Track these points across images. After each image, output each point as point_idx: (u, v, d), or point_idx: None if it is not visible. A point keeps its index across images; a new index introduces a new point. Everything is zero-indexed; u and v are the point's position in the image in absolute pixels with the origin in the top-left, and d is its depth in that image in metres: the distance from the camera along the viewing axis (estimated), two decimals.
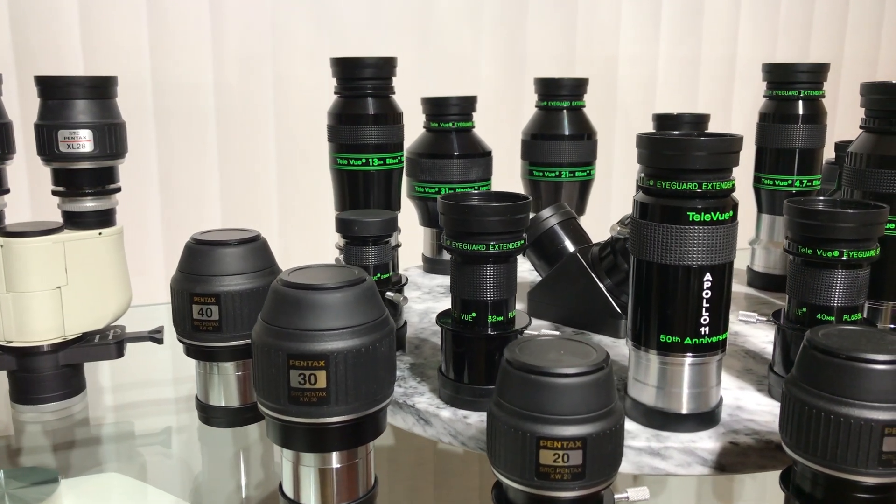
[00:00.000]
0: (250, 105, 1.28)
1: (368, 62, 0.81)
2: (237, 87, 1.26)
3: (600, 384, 0.44)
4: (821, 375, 0.46)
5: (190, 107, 1.24)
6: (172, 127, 1.23)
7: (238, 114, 1.27)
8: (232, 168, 1.28)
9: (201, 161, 1.26)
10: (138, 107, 1.20)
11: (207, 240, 0.67)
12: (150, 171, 1.23)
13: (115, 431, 0.79)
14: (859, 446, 0.44)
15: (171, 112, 1.23)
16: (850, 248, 0.57)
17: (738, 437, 0.55)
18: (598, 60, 1.51)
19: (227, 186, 1.28)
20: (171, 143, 1.24)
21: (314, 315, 0.50)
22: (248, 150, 1.30)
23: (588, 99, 1.33)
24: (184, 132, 1.24)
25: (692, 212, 0.52)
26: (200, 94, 1.24)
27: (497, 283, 0.59)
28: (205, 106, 1.25)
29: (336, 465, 0.54)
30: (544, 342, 0.48)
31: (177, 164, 1.25)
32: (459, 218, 0.57)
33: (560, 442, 0.43)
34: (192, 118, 1.24)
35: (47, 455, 0.73)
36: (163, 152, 1.23)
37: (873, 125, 0.66)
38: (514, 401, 0.44)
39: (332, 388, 0.50)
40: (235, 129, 1.28)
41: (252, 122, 1.29)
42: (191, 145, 1.25)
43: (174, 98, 1.22)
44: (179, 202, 1.27)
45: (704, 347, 0.55)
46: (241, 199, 1.30)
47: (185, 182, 1.26)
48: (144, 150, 1.22)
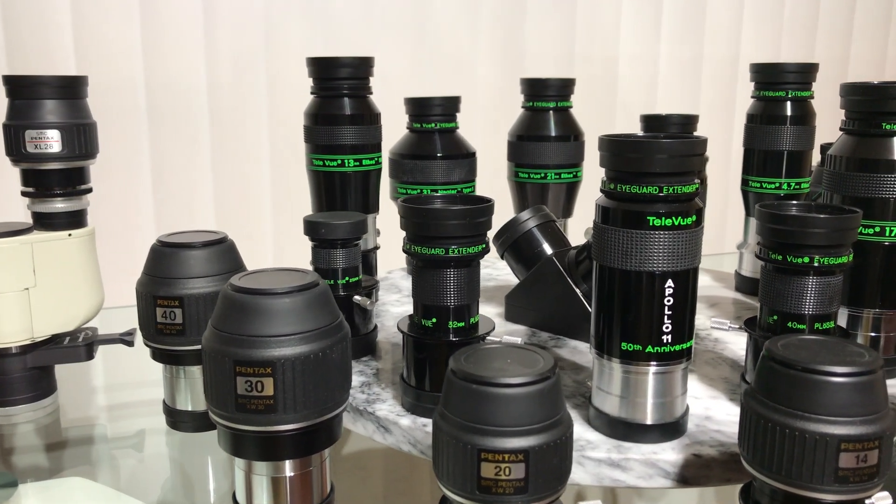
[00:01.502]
0: (243, 105, 1.27)
1: (344, 62, 0.80)
2: (230, 88, 1.26)
3: (545, 395, 0.43)
4: (778, 387, 0.44)
5: (183, 107, 1.23)
6: (165, 127, 1.23)
7: (231, 114, 1.27)
8: (225, 168, 1.27)
9: (194, 161, 1.26)
10: (131, 107, 1.19)
11: (172, 242, 0.66)
12: (143, 171, 1.23)
13: (85, 434, 0.78)
14: (814, 462, 0.42)
15: (163, 112, 1.22)
16: (821, 254, 0.55)
17: (702, 449, 0.54)
18: (598, 60, 1.49)
19: (220, 186, 1.27)
20: (164, 143, 1.23)
21: (261, 321, 0.49)
22: (241, 151, 1.29)
23: (587, 99, 1.31)
24: (177, 132, 1.24)
25: (653, 216, 0.51)
26: (193, 95, 1.24)
27: (458, 287, 0.57)
28: (198, 106, 1.25)
29: (289, 474, 0.53)
30: (492, 350, 0.46)
31: (169, 164, 1.24)
32: (418, 221, 0.56)
33: (501, 454, 0.42)
34: (184, 118, 1.24)
35: (14, 458, 0.72)
36: (155, 152, 1.23)
37: (853, 127, 0.64)
38: (457, 412, 0.43)
39: (279, 396, 0.49)
40: (229, 129, 1.27)
41: (245, 123, 1.28)
42: (184, 145, 1.25)
43: (167, 98, 1.22)
44: (172, 202, 1.26)
45: (668, 356, 0.53)
46: (235, 199, 1.29)
47: (178, 182, 1.25)
48: (137, 151, 1.21)
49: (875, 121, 0.63)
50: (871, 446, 0.42)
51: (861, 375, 0.42)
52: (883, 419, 0.43)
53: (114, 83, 1.19)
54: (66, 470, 0.72)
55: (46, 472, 0.70)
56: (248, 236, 1.28)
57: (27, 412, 0.73)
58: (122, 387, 0.88)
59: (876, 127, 0.62)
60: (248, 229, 1.29)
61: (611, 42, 1.51)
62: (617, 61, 1.53)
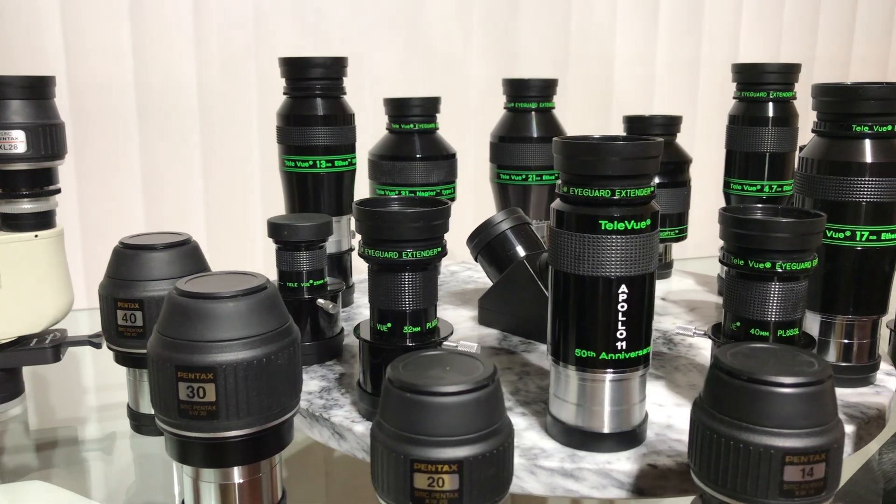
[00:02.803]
0: (234, 106, 1.27)
1: (317, 62, 0.79)
2: (220, 88, 1.25)
3: (481, 404, 0.42)
4: (724, 398, 0.43)
5: (172, 107, 1.23)
6: (155, 127, 1.22)
7: (222, 114, 1.26)
8: (216, 169, 1.27)
9: (185, 162, 1.25)
10: (120, 107, 1.19)
11: (133, 244, 0.65)
12: (133, 172, 1.22)
13: (53, 437, 0.78)
14: (759, 475, 0.41)
15: (153, 112, 1.22)
16: (784, 259, 0.54)
17: (658, 459, 0.52)
18: (594, 61, 1.48)
19: (210, 187, 1.27)
20: (154, 143, 1.23)
21: (203, 325, 0.48)
22: (232, 151, 1.28)
23: (584, 100, 1.30)
24: (166, 133, 1.23)
25: (605, 220, 0.49)
26: (183, 95, 1.23)
27: (414, 292, 0.56)
28: (188, 106, 1.24)
29: (238, 480, 0.52)
30: (431, 357, 0.45)
31: (159, 164, 1.24)
32: (372, 224, 0.55)
33: (434, 465, 0.41)
34: (174, 119, 1.23)
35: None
36: (145, 153, 1.22)
37: (824, 129, 0.63)
38: (392, 421, 0.42)
39: (221, 402, 0.48)
40: (219, 129, 1.26)
41: (236, 123, 1.27)
42: (174, 146, 1.24)
43: (156, 98, 1.21)
44: (162, 203, 1.25)
45: (623, 363, 0.52)
46: (226, 199, 1.29)
47: (168, 182, 1.25)
48: (127, 151, 1.21)
49: (846, 122, 0.61)
50: (818, 459, 0.41)
51: (808, 386, 0.41)
52: (831, 431, 0.41)
53: (103, 83, 1.18)
54: (34, 473, 0.71)
55: (13, 476, 0.70)
56: (240, 237, 1.28)
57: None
58: (92, 389, 0.88)
59: (846, 129, 0.61)
60: (239, 230, 1.28)
61: (607, 42, 1.50)
62: (613, 62, 1.51)
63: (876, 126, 0.60)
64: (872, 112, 0.60)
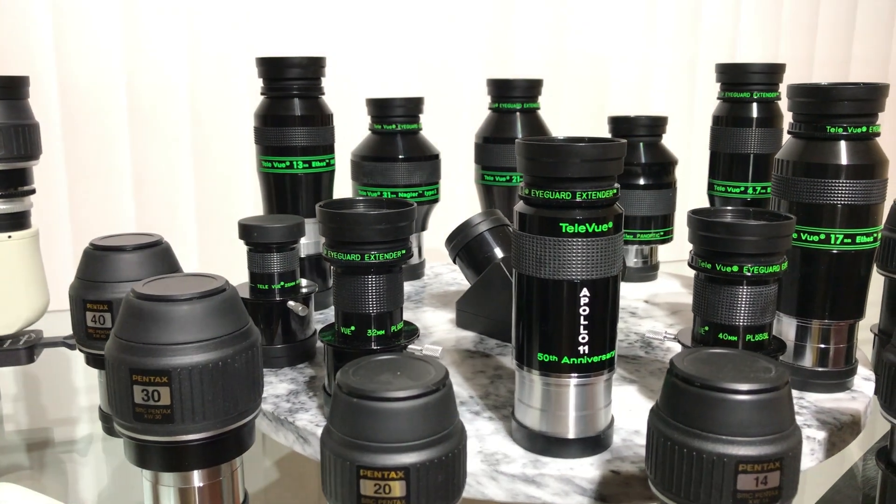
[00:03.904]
0: (227, 105, 1.26)
1: (294, 62, 0.78)
2: (213, 88, 1.24)
3: (430, 408, 0.41)
4: (678, 405, 0.42)
5: (164, 108, 1.22)
6: (146, 128, 1.22)
7: (214, 115, 1.26)
8: (207, 170, 1.26)
9: (176, 162, 1.25)
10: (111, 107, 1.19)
11: (102, 245, 0.65)
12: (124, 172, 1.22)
13: (27, 439, 0.77)
14: (712, 484, 0.40)
15: (145, 113, 1.21)
16: (752, 263, 0.53)
17: (622, 466, 0.51)
18: (591, 61, 1.47)
19: (202, 188, 1.26)
20: (145, 144, 1.22)
21: (158, 328, 0.48)
22: (224, 152, 1.28)
23: (582, 100, 1.29)
24: (158, 134, 1.23)
25: (565, 223, 0.49)
26: (175, 96, 1.23)
27: (377, 294, 0.56)
28: (179, 107, 1.24)
29: (198, 484, 0.52)
30: (382, 362, 0.44)
31: (150, 165, 1.23)
32: (334, 226, 0.54)
33: (380, 472, 0.40)
34: (166, 119, 1.23)
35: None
36: (136, 153, 1.22)
37: (800, 130, 0.62)
38: (340, 426, 0.41)
39: (176, 406, 0.48)
40: (211, 131, 1.26)
41: (228, 124, 1.27)
42: (165, 147, 1.24)
43: (147, 99, 1.21)
44: (154, 203, 1.25)
45: (586, 367, 0.51)
46: (218, 200, 1.28)
47: (159, 184, 1.25)
48: (119, 151, 1.21)
49: (820, 123, 0.60)
50: (772, 467, 0.40)
51: (762, 393, 0.40)
52: (786, 439, 0.40)
53: (95, 83, 1.18)
54: (7, 475, 0.71)
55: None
56: (231, 238, 1.27)
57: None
58: (68, 391, 0.88)
59: (821, 130, 0.60)
60: (230, 231, 1.28)
61: (604, 43, 1.49)
62: (610, 62, 1.50)
63: (850, 127, 0.59)
64: (847, 113, 0.59)
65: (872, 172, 0.60)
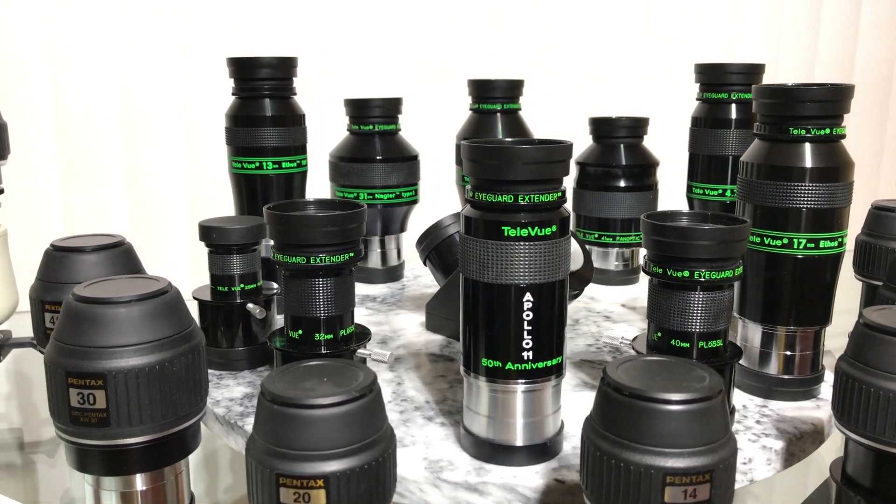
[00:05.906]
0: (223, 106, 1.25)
1: (264, 62, 0.78)
2: (208, 87, 1.24)
3: (352, 416, 0.40)
4: (609, 415, 0.41)
5: (158, 109, 1.22)
6: (137, 128, 1.22)
7: (207, 115, 1.25)
8: (202, 171, 1.26)
9: (167, 163, 1.25)
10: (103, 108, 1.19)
11: (62, 246, 0.65)
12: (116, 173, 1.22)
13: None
14: (640, 496, 0.39)
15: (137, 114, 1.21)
16: (705, 268, 0.52)
17: (567, 474, 0.50)
18: (589, 62, 1.45)
19: (195, 188, 1.26)
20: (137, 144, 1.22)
21: (94, 331, 0.47)
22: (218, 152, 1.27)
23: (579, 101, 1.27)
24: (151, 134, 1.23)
25: (507, 226, 0.48)
26: (169, 97, 1.23)
27: (326, 298, 0.55)
28: (173, 108, 1.23)
29: (140, 488, 0.51)
30: (311, 368, 0.44)
31: (143, 165, 1.23)
32: (280, 229, 0.54)
33: (299, 480, 0.39)
34: (160, 121, 1.23)
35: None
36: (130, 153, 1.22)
37: (764, 132, 0.60)
38: (262, 434, 0.41)
39: (112, 409, 0.47)
40: (205, 132, 1.26)
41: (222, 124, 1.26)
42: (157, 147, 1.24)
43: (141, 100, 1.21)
44: (148, 204, 1.25)
45: (532, 373, 0.50)
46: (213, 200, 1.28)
47: (152, 185, 1.24)
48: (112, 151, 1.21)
49: (784, 125, 0.58)
50: (701, 480, 0.39)
51: (692, 403, 0.39)
52: (718, 450, 0.39)
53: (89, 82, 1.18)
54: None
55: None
56: None
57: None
58: (36, 392, 0.87)
59: (784, 132, 0.58)
60: None
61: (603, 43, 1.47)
62: (608, 62, 1.48)
63: (814, 129, 0.58)
64: (810, 115, 0.58)
65: (837, 175, 0.58)
